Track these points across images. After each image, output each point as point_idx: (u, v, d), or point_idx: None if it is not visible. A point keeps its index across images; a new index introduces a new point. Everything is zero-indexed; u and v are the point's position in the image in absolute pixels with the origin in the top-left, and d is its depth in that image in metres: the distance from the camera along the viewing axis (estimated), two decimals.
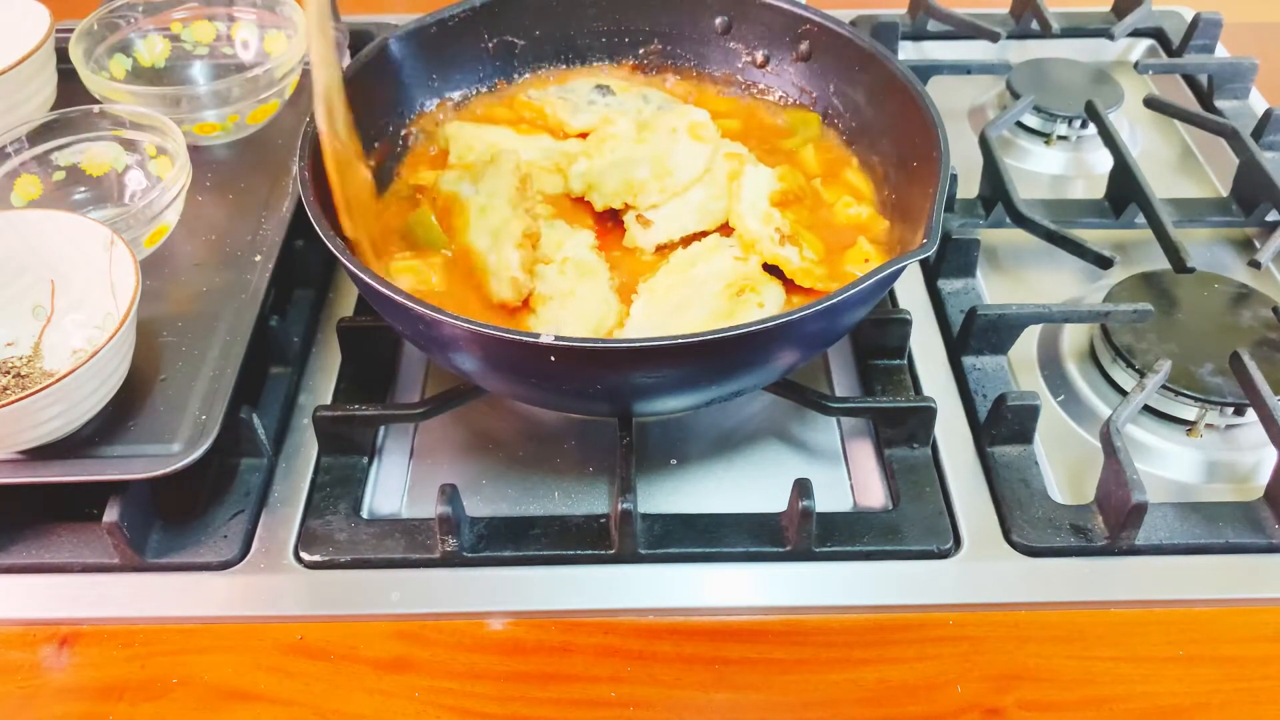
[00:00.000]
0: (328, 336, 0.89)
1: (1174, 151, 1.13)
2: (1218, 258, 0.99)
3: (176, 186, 0.83)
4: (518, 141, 0.90)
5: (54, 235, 0.76)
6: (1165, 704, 0.67)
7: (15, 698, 0.68)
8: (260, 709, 0.67)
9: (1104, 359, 0.86)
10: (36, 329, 0.78)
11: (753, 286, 0.78)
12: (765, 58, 0.97)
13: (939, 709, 0.67)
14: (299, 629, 0.71)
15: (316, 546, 0.74)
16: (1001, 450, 0.79)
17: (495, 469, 0.80)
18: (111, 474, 0.70)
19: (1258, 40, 1.27)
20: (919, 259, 0.69)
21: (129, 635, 0.71)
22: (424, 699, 0.67)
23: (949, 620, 0.71)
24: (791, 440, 0.83)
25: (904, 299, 0.93)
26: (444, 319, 0.64)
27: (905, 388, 0.85)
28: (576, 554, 0.73)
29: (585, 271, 0.79)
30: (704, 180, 0.86)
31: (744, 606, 0.72)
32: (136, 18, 1.01)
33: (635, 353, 0.64)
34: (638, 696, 0.67)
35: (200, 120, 0.92)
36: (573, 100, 0.95)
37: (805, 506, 0.71)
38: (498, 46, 0.96)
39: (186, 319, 0.80)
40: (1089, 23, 1.26)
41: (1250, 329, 0.85)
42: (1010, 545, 0.74)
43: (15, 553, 0.73)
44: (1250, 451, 0.81)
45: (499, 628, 0.71)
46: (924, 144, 0.79)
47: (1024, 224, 0.95)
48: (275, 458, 0.80)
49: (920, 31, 1.26)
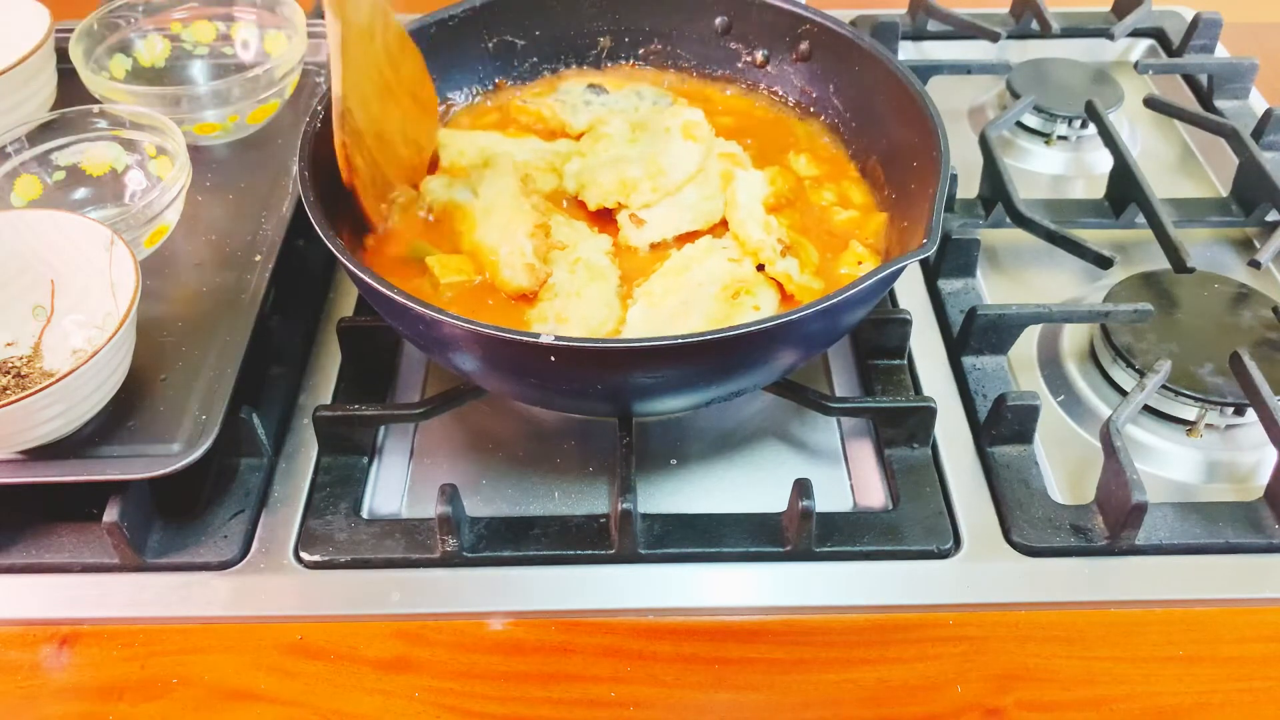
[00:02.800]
0: (328, 336, 0.89)
1: (1174, 151, 1.13)
2: (1218, 258, 0.99)
3: (176, 186, 0.83)
4: (509, 145, 0.90)
5: (54, 235, 0.76)
6: (1165, 704, 0.67)
7: (15, 698, 0.68)
8: (260, 709, 0.67)
9: (1104, 359, 0.86)
10: (36, 329, 0.78)
11: (748, 289, 0.78)
12: (765, 58, 0.97)
13: (939, 709, 0.67)
14: (299, 629, 0.71)
15: (316, 546, 0.74)
16: (1001, 450, 0.80)
17: (495, 469, 0.80)
18: (111, 474, 0.70)
19: (1258, 40, 1.27)
20: (919, 259, 0.69)
21: (129, 635, 0.71)
22: (424, 699, 0.67)
23: (949, 620, 0.71)
24: (791, 440, 0.83)
25: (904, 299, 0.93)
26: (444, 319, 0.64)
27: (905, 388, 0.85)
28: (576, 554, 0.73)
29: (595, 275, 0.79)
30: (697, 180, 0.86)
31: (744, 606, 0.72)
32: (136, 18, 1.01)
33: (635, 353, 0.64)
34: (638, 696, 0.67)
35: (200, 120, 0.92)
36: (569, 102, 0.95)
37: (805, 506, 0.71)
38: (498, 46, 0.96)
39: (186, 319, 0.80)
40: (1089, 23, 1.26)
41: (1250, 329, 0.85)
42: (1010, 545, 0.74)
43: (15, 553, 0.74)
44: (1250, 451, 0.81)
45: (499, 628, 0.71)
46: (924, 144, 0.79)
47: (1024, 224, 0.95)
48: (275, 458, 0.80)
49: (920, 31, 1.26)
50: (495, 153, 0.87)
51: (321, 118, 0.78)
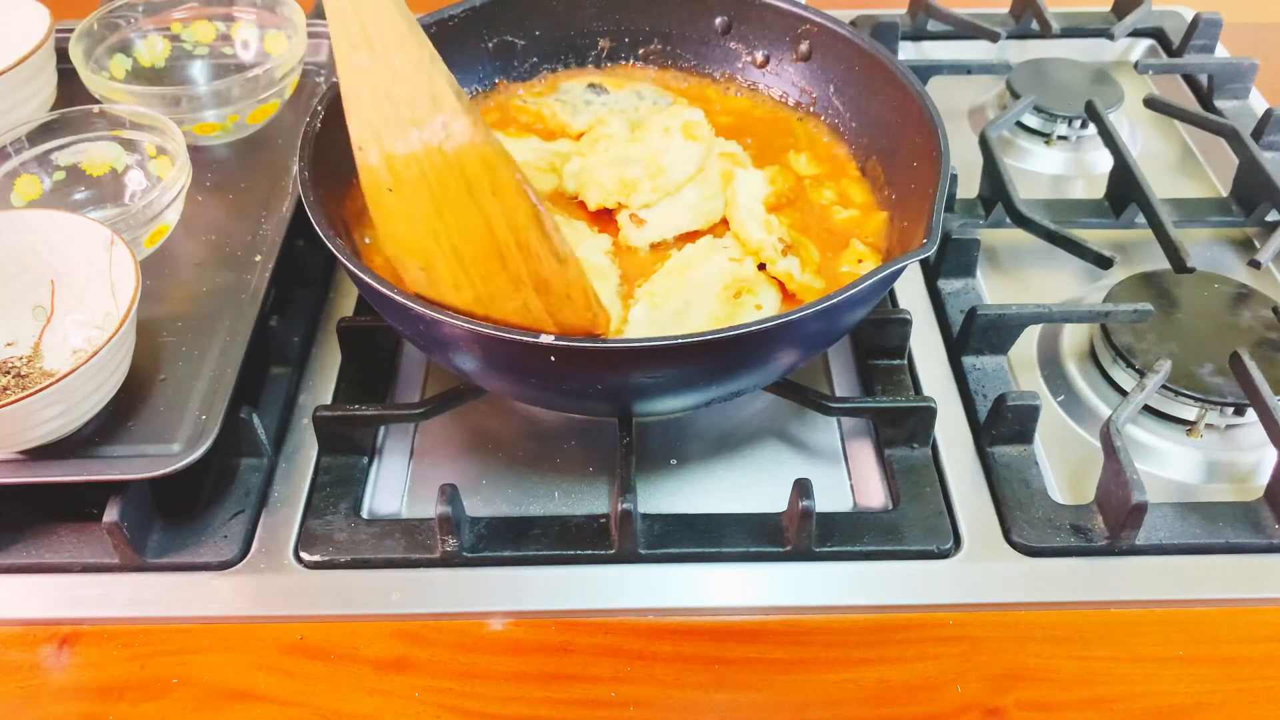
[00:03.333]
0: (328, 336, 0.89)
1: (1174, 151, 1.13)
2: (1218, 258, 0.99)
3: (176, 186, 0.83)
4: (508, 145, 0.90)
5: (54, 235, 0.76)
6: (1165, 704, 0.67)
7: (15, 698, 0.68)
8: (260, 709, 0.67)
9: (1104, 359, 0.86)
10: (36, 329, 0.78)
11: (750, 288, 0.78)
12: (765, 58, 0.97)
13: (939, 709, 0.67)
14: (299, 629, 0.71)
15: (316, 546, 0.74)
16: (1001, 450, 0.79)
17: (495, 469, 0.80)
18: (111, 474, 0.70)
19: (1258, 40, 1.27)
20: (919, 259, 0.69)
21: (129, 635, 0.71)
22: (424, 699, 0.67)
23: (949, 620, 0.71)
24: (791, 440, 0.83)
25: (904, 299, 0.93)
26: (444, 319, 0.64)
27: (905, 388, 0.85)
28: (576, 554, 0.73)
29: (595, 275, 0.79)
30: (697, 179, 0.86)
31: (744, 606, 0.72)
32: (136, 18, 1.01)
33: (635, 353, 0.64)
34: (638, 696, 0.67)
35: (200, 120, 0.92)
36: (570, 102, 0.95)
37: (805, 506, 0.71)
38: (498, 46, 0.96)
39: (186, 319, 0.80)
40: (1089, 23, 1.26)
41: (1250, 329, 0.85)
42: (1010, 545, 0.74)
43: (15, 553, 0.74)
44: (1250, 451, 0.81)
45: (499, 628, 0.71)
46: (924, 144, 0.79)
47: (1024, 224, 0.95)
48: (275, 458, 0.80)
49: (920, 31, 1.26)
50: None
51: (321, 117, 0.78)
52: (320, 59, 1.06)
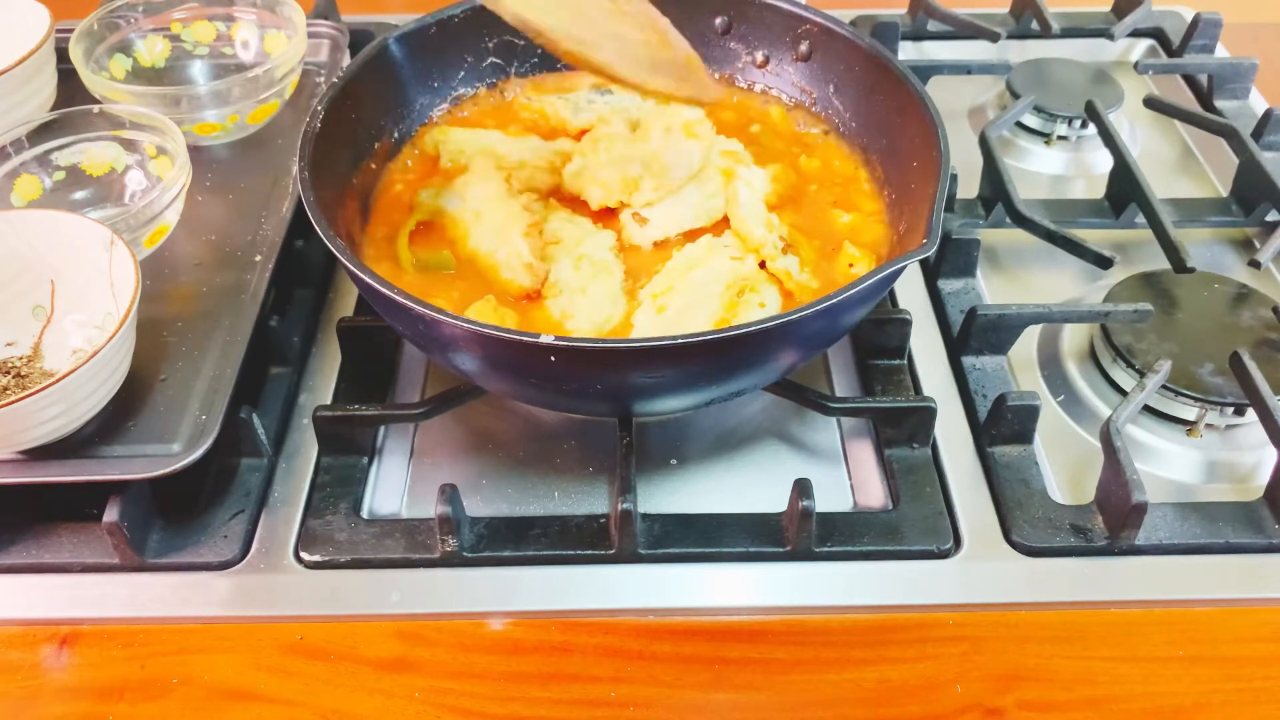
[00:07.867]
0: (328, 336, 0.89)
1: (1174, 151, 1.13)
2: (1218, 258, 0.99)
3: (176, 186, 0.83)
4: (509, 144, 0.90)
5: (54, 235, 0.76)
6: (1165, 704, 0.67)
7: (15, 698, 0.68)
8: (260, 709, 0.67)
9: (1104, 359, 0.86)
10: (36, 329, 0.78)
11: (752, 286, 0.78)
12: (765, 58, 0.97)
13: (939, 709, 0.67)
14: (299, 629, 0.71)
15: (316, 546, 0.74)
16: (1001, 450, 0.80)
17: (495, 469, 0.80)
18: (111, 474, 0.70)
19: (1258, 40, 1.27)
20: (919, 259, 0.69)
21: (129, 635, 0.71)
22: (424, 699, 0.67)
23: (949, 620, 0.71)
24: (791, 440, 0.83)
25: (904, 299, 0.93)
26: (444, 319, 0.64)
27: (905, 388, 0.85)
28: (576, 554, 0.73)
29: (600, 271, 0.79)
30: (699, 178, 0.86)
31: (744, 606, 0.72)
32: (136, 18, 1.01)
33: (636, 353, 0.64)
34: (638, 696, 0.67)
35: (200, 120, 0.92)
36: (571, 101, 0.95)
37: (805, 506, 0.71)
38: (499, 46, 0.96)
39: (186, 319, 0.80)
40: (1089, 23, 1.26)
41: (1250, 329, 0.85)
42: (1010, 545, 0.74)
43: (15, 553, 0.74)
44: (1250, 451, 0.81)
45: (499, 628, 0.71)
46: (924, 144, 0.79)
47: (1024, 224, 0.95)
48: (275, 458, 0.80)
49: (920, 31, 1.26)
50: (474, 156, 0.87)
51: (321, 117, 0.78)
52: (320, 59, 1.06)
